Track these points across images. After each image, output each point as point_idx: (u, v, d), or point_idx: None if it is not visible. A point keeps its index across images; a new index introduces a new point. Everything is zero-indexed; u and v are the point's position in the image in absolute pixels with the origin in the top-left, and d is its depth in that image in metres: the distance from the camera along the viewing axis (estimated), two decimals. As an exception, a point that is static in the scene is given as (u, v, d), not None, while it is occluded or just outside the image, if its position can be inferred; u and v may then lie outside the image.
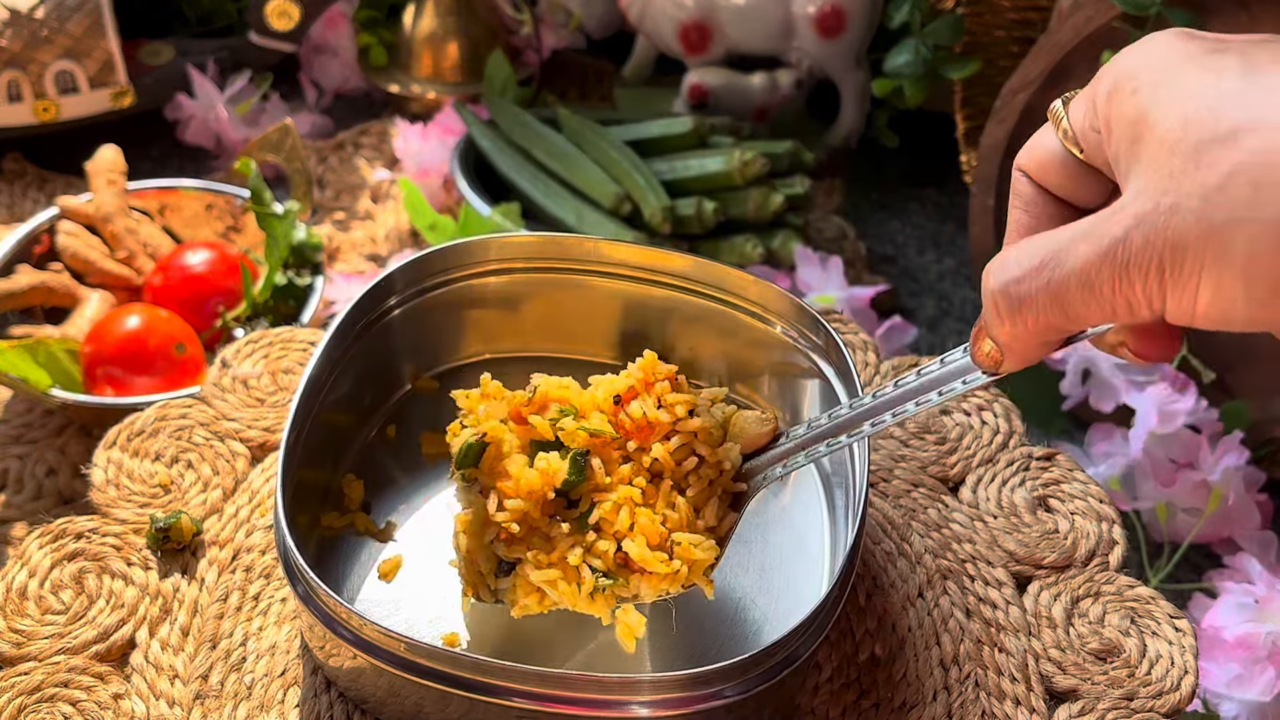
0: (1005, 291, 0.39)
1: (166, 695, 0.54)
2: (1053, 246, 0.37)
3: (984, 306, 0.41)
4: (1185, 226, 0.33)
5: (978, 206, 0.92)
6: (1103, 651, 0.57)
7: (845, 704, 0.56)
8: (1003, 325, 0.40)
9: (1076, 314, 0.37)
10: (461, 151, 1.00)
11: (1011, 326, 0.39)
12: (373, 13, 1.16)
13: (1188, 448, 0.78)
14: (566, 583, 0.52)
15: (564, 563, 0.52)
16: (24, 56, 0.99)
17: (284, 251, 0.86)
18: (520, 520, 0.52)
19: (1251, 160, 0.32)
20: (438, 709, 0.51)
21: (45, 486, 0.81)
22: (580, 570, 0.52)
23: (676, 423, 0.53)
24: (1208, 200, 0.33)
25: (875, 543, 0.61)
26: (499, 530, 0.52)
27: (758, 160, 0.93)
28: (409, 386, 0.67)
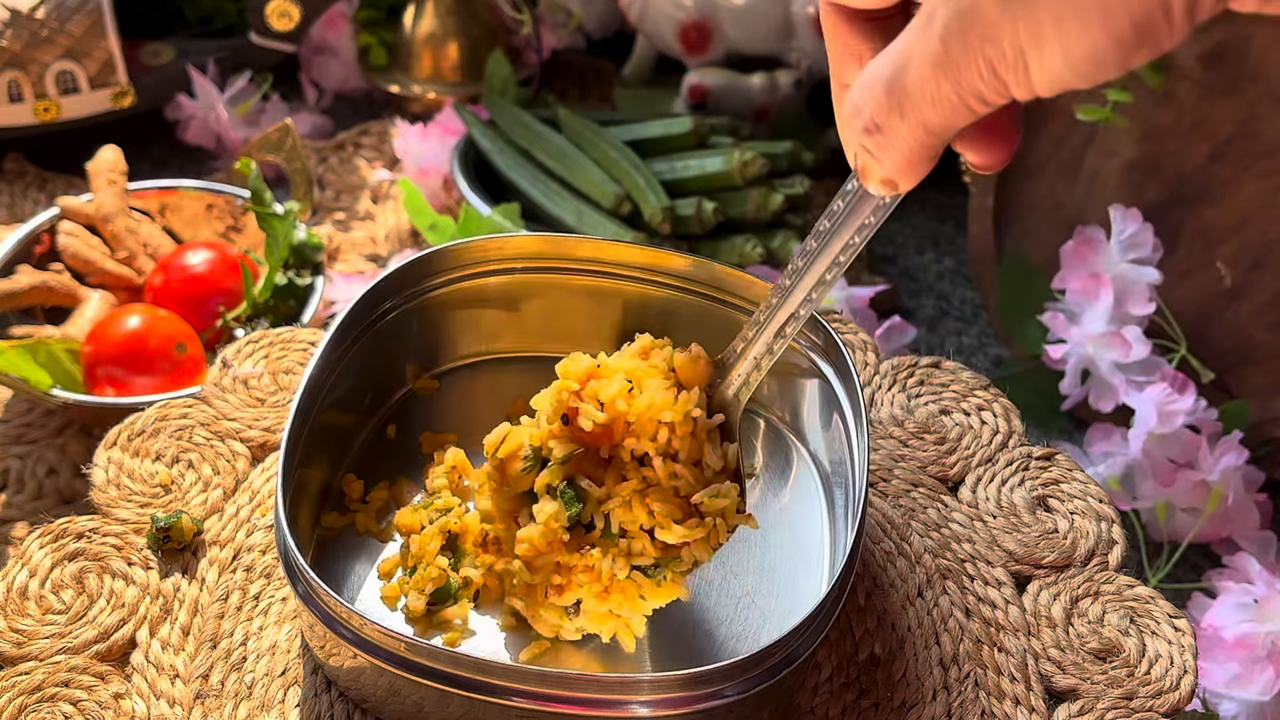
0: (868, 135, 0.39)
1: (167, 695, 0.54)
2: (886, 77, 0.37)
3: (855, 155, 0.40)
4: (991, 18, 0.33)
5: (977, 206, 0.93)
6: (1102, 651, 0.57)
7: (845, 703, 0.56)
8: (882, 162, 0.40)
9: (940, 127, 0.37)
10: (461, 152, 1.00)
11: (891, 159, 0.39)
12: (373, 13, 1.16)
13: (1187, 448, 0.78)
14: (627, 597, 0.53)
15: (615, 581, 0.53)
16: (24, 56, 0.99)
17: (284, 252, 0.86)
18: (557, 570, 0.53)
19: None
20: (438, 708, 0.51)
21: (46, 486, 0.81)
22: (633, 577, 0.52)
23: (629, 410, 0.52)
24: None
25: (875, 542, 0.62)
26: (546, 589, 0.53)
27: (757, 160, 0.93)
28: (409, 386, 0.67)
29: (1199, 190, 0.83)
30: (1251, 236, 0.81)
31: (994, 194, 0.91)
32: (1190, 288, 0.85)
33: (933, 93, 0.36)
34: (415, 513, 0.59)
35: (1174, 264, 0.84)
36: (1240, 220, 0.82)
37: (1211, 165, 0.82)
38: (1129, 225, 0.81)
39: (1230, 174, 0.81)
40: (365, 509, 0.61)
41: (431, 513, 0.59)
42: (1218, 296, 0.84)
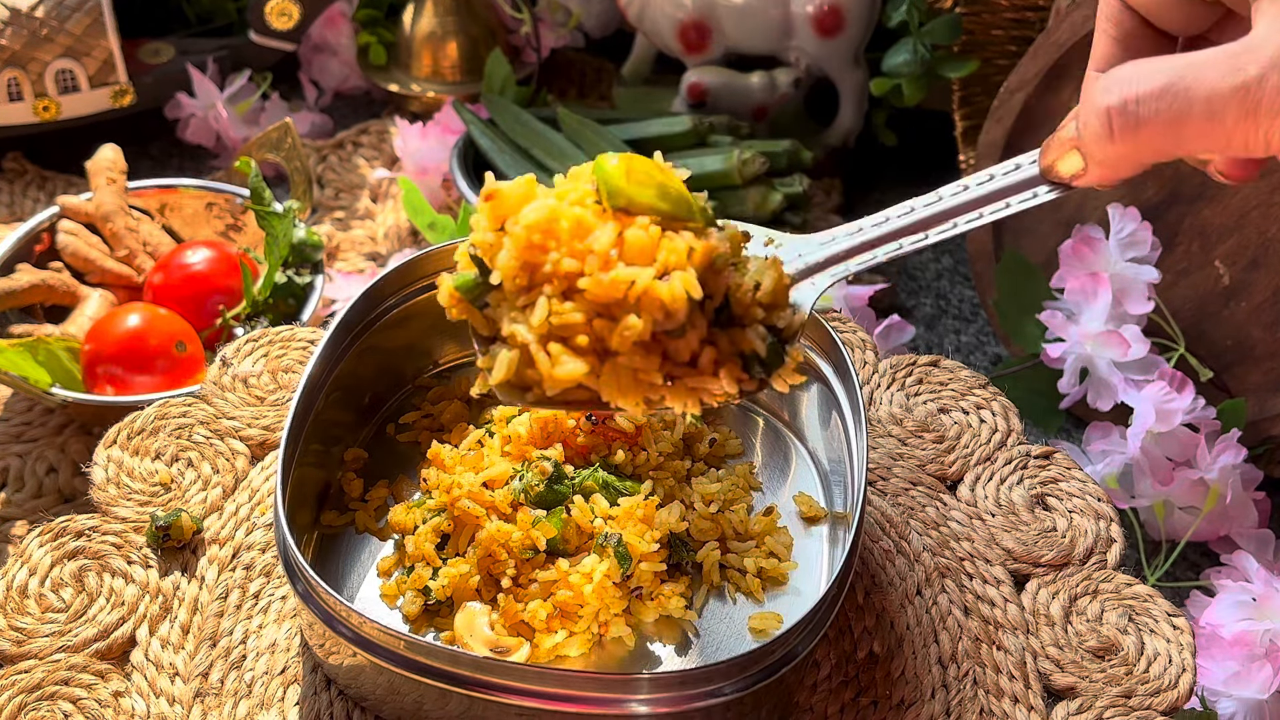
0: (1123, 109, 0.38)
1: (167, 693, 0.54)
2: (1179, 71, 0.37)
3: (1089, 119, 0.40)
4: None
5: (976, 205, 0.92)
6: (1101, 649, 0.57)
7: (843, 701, 0.56)
8: (1110, 142, 0.40)
9: (1190, 141, 0.38)
10: (461, 150, 1.00)
11: (1120, 145, 0.39)
12: (372, 12, 1.16)
13: (1185, 446, 0.78)
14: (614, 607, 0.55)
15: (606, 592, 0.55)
16: (24, 55, 0.99)
17: (284, 250, 0.86)
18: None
19: None
20: (437, 706, 0.51)
21: (46, 485, 0.81)
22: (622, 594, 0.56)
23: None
24: None
25: (874, 540, 0.62)
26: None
27: (756, 159, 0.93)
28: (409, 385, 0.67)
29: (1197, 189, 0.83)
30: (1249, 235, 0.81)
31: (993, 193, 0.91)
32: (1188, 286, 0.85)
33: (1213, 111, 0.36)
34: (409, 511, 0.59)
35: (1172, 263, 0.85)
36: (1238, 219, 0.82)
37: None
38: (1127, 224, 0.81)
39: (1229, 173, 0.81)
40: (364, 507, 0.61)
41: (425, 512, 0.59)
42: (1216, 295, 0.84)
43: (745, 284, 0.47)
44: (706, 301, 0.46)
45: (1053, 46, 0.83)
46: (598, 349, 0.46)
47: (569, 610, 0.55)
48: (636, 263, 0.45)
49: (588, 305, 0.45)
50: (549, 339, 0.46)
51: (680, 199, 0.47)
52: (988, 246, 0.93)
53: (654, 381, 0.46)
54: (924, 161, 1.12)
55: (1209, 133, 0.37)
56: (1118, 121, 0.39)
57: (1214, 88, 0.36)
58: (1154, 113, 0.37)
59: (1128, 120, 0.38)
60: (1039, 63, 0.84)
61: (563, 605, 0.55)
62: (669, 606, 0.56)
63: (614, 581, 0.55)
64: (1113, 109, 0.39)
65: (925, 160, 1.12)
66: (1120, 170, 0.41)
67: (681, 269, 0.45)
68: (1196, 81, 0.36)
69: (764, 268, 0.48)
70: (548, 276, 0.46)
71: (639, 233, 0.45)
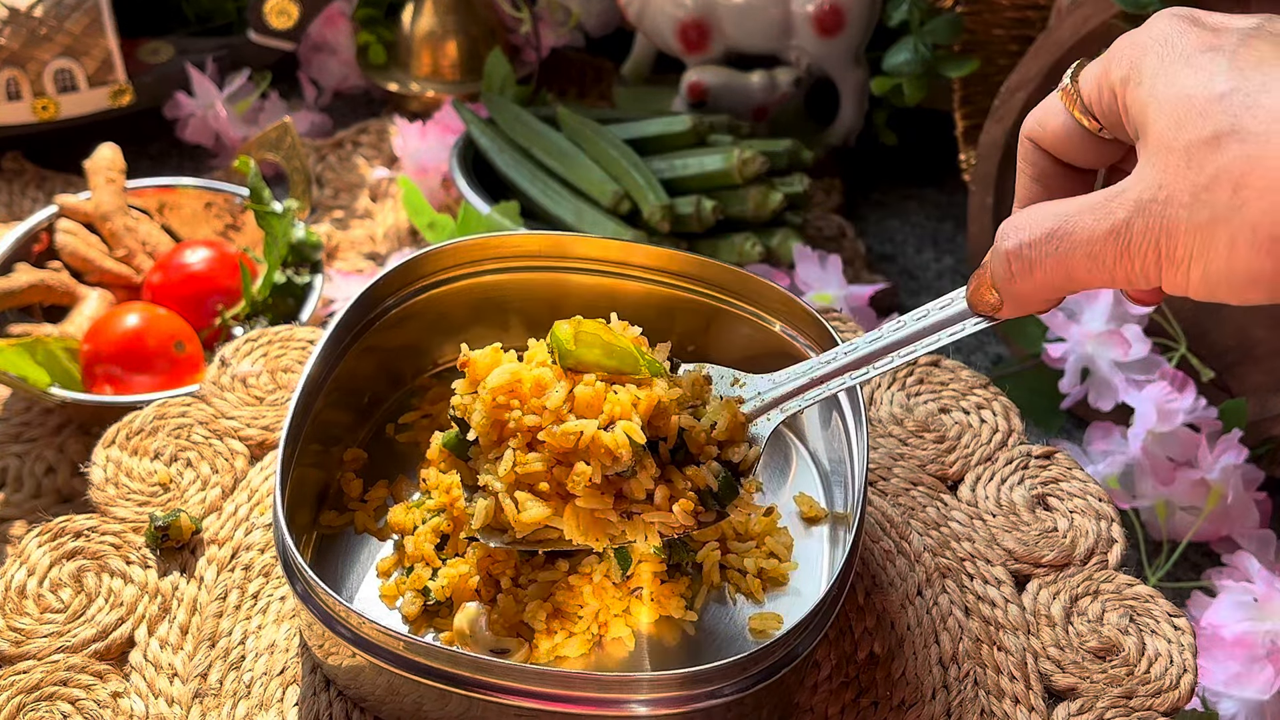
0: (1018, 253, 0.43)
1: (165, 694, 0.54)
2: (1062, 217, 0.41)
3: (994, 262, 0.45)
4: (1177, 220, 0.37)
5: (976, 205, 0.92)
6: (1102, 650, 0.57)
7: (844, 702, 0.56)
8: (1011, 281, 0.44)
9: (1080, 279, 0.41)
10: (460, 150, 1.00)
11: (1020, 284, 0.43)
12: (372, 11, 1.16)
13: (1186, 446, 0.78)
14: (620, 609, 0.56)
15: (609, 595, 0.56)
16: (23, 55, 0.98)
17: (283, 250, 0.86)
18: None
19: (1231, 165, 0.36)
20: (436, 707, 0.51)
21: (44, 485, 0.81)
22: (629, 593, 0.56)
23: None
24: (1196, 199, 0.37)
25: (874, 541, 0.61)
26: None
27: (757, 159, 0.93)
28: (408, 385, 0.67)
29: (1198, 189, 0.83)
30: (1251, 235, 0.81)
31: (994, 192, 0.91)
32: (1190, 286, 0.85)
33: (1092, 253, 0.40)
34: (408, 511, 0.59)
35: (1173, 262, 0.84)
36: (1240, 219, 0.81)
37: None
38: (1128, 224, 0.80)
39: (1230, 172, 0.81)
40: (364, 508, 0.61)
41: (424, 512, 0.59)
42: (1217, 295, 0.83)
43: (701, 425, 0.53)
44: (661, 443, 0.52)
45: (1054, 45, 0.82)
46: (560, 493, 0.52)
47: (568, 611, 0.55)
48: (585, 415, 0.51)
49: (548, 455, 0.51)
50: (516, 487, 0.52)
51: (625, 355, 0.53)
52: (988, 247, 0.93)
53: (611, 520, 0.52)
54: (924, 161, 1.12)
55: (1093, 271, 0.41)
56: (1015, 265, 0.43)
57: (1090, 231, 0.40)
58: (1044, 255, 0.42)
59: (1023, 264, 0.43)
60: (1040, 62, 0.84)
61: (562, 606, 0.55)
62: (669, 607, 0.56)
63: (614, 582, 0.55)
64: (1010, 253, 0.43)
65: (926, 160, 1.12)
66: (1030, 305, 0.45)
67: (626, 418, 0.51)
68: (1077, 227, 0.40)
69: (720, 408, 0.54)
70: (513, 431, 0.52)
71: (586, 389, 0.51)
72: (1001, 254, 0.44)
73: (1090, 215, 0.40)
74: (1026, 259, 0.42)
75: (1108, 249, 0.39)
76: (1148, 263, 0.39)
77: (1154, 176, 0.38)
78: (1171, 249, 0.38)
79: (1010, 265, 0.43)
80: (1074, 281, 0.41)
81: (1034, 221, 0.42)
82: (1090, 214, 0.40)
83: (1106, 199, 0.40)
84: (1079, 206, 0.41)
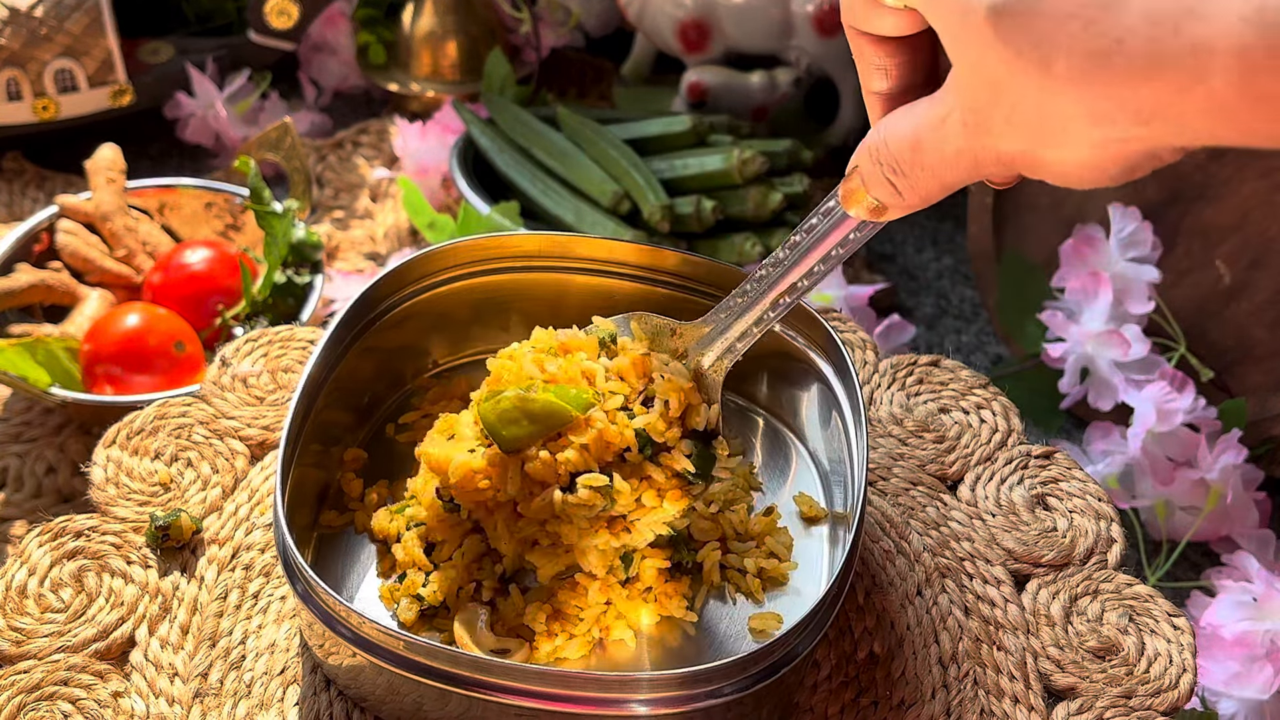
0: (893, 175, 0.43)
1: (166, 693, 0.54)
2: (912, 136, 0.42)
3: (869, 179, 0.45)
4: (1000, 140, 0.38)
5: (976, 205, 0.93)
6: (1101, 649, 0.57)
7: (844, 702, 0.56)
8: (894, 196, 0.44)
9: (957, 183, 0.42)
10: (460, 150, 1.00)
11: (910, 198, 0.44)
12: (372, 11, 1.16)
13: (1186, 446, 0.78)
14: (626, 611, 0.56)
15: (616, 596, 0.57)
16: (23, 55, 0.99)
17: (283, 250, 0.86)
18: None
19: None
20: (437, 707, 0.51)
21: (45, 485, 0.81)
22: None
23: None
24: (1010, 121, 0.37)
25: (874, 541, 0.62)
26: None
27: (756, 159, 0.93)
28: (409, 385, 0.67)
29: (1198, 188, 0.83)
30: (1250, 235, 0.81)
31: (993, 192, 0.91)
32: (1189, 286, 0.85)
33: (953, 162, 0.41)
34: (391, 518, 0.59)
35: (1173, 262, 0.84)
36: (1239, 218, 0.82)
37: (1211, 163, 0.82)
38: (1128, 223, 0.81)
39: (1229, 172, 0.81)
40: (364, 508, 0.61)
41: (405, 519, 0.59)
42: (1217, 295, 0.84)
43: (654, 415, 0.55)
44: (626, 453, 0.54)
45: (1053, 46, 0.82)
46: (560, 545, 0.55)
47: (569, 613, 0.55)
48: (548, 481, 0.53)
49: (535, 521, 0.54)
50: (525, 545, 0.55)
51: (551, 414, 0.54)
52: (988, 246, 0.93)
53: (612, 542, 0.54)
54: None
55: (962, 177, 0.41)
56: (896, 182, 0.44)
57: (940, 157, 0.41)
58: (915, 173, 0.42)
59: (899, 182, 0.43)
60: (1039, 62, 0.83)
61: (562, 607, 0.55)
62: (670, 606, 0.56)
63: (620, 580, 0.55)
64: (883, 174, 0.44)
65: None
66: (913, 208, 0.45)
67: (580, 468, 0.53)
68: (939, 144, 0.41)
69: (667, 389, 0.55)
70: (496, 505, 0.55)
71: (535, 464, 0.53)
72: (877, 177, 0.44)
73: (943, 131, 0.40)
74: (900, 176, 0.43)
75: (963, 159, 0.40)
76: (999, 165, 0.39)
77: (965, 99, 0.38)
78: (1010, 153, 0.38)
79: (890, 185, 0.44)
80: (951, 186, 0.42)
81: (896, 140, 0.42)
82: (944, 129, 0.40)
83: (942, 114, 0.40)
84: (928, 114, 0.41)
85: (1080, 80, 0.34)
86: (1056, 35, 0.34)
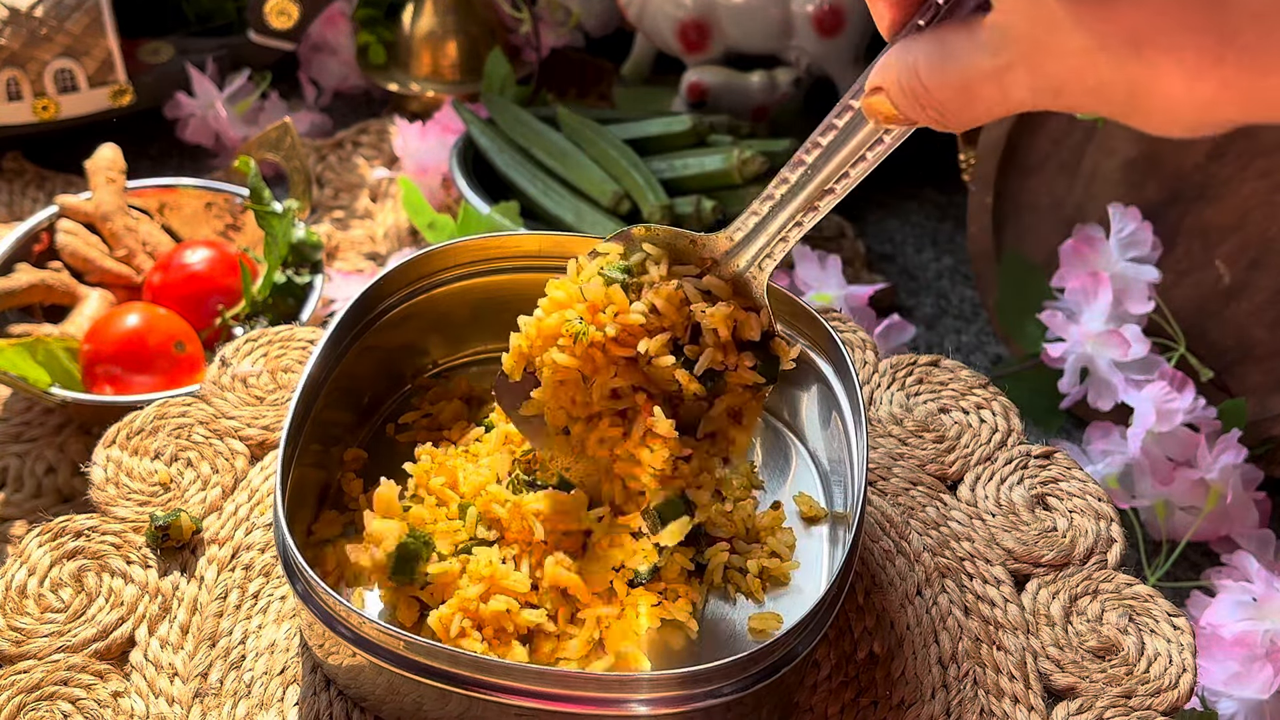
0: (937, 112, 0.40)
1: (166, 693, 0.54)
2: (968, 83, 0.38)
3: (904, 107, 0.41)
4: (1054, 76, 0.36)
5: (976, 205, 0.93)
6: (1101, 649, 0.57)
7: (844, 702, 0.56)
8: (935, 124, 0.41)
9: (998, 116, 0.39)
10: (460, 150, 1.00)
11: (945, 126, 0.41)
12: (371, 11, 1.16)
13: (1186, 446, 0.78)
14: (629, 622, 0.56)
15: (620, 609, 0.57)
16: (23, 55, 0.99)
17: (283, 250, 0.86)
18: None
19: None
20: (437, 706, 0.51)
21: (45, 484, 0.81)
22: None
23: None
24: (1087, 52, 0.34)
25: (874, 540, 0.62)
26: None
27: (756, 159, 0.93)
28: (409, 385, 0.67)
29: (1198, 188, 0.83)
30: (1250, 235, 0.81)
31: (993, 192, 0.91)
32: (1189, 286, 0.85)
33: (1011, 107, 0.38)
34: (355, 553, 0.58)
35: (1173, 262, 0.84)
36: (1239, 219, 0.82)
37: (1210, 164, 0.82)
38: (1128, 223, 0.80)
39: (1229, 172, 0.81)
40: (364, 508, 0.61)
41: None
42: (1216, 295, 0.84)
43: (710, 353, 0.54)
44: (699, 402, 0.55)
45: (1053, 46, 0.82)
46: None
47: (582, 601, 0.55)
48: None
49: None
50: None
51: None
52: (988, 246, 0.93)
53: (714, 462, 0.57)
54: (924, 161, 1.12)
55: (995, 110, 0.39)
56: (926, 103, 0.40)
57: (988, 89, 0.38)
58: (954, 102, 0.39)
59: (932, 104, 0.40)
60: (1039, 62, 0.83)
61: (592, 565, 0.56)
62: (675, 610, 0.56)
63: (642, 578, 0.56)
64: (916, 93, 0.40)
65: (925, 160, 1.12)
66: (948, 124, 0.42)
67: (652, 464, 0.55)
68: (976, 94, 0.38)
69: (715, 318, 0.54)
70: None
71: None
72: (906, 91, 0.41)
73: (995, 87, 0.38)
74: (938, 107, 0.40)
75: (1019, 107, 0.38)
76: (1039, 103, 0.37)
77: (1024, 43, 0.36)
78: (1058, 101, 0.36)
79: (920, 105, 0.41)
80: (981, 115, 0.40)
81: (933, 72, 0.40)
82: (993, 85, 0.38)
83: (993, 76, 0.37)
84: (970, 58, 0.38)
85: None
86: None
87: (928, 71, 0.40)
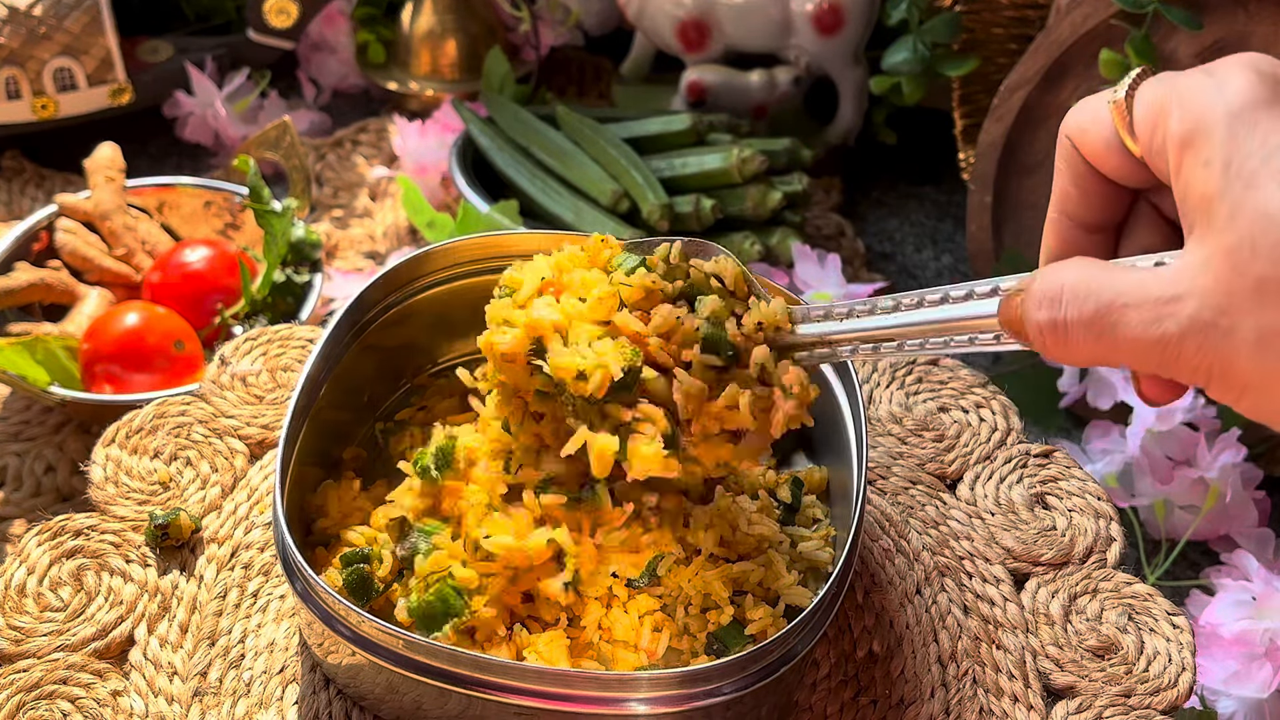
0: (1054, 327, 0.39)
1: (165, 692, 0.54)
2: (1106, 304, 0.37)
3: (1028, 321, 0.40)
4: (1237, 354, 0.34)
5: (975, 204, 0.92)
6: (1100, 648, 0.57)
7: (843, 701, 0.56)
8: (1045, 347, 0.40)
9: (1117, 363, 0.38)
10: (460, 149, 1.00)
11: (1054, 352, 0.40)
12: (371, 10, 1.16)
13: (1185, 445, 0.78)
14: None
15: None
16: (22, 54, 0.98)
17: (282, 249, 0.86)
18: None
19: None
20: (436, 706, 0.51)
21: (44, 484, 0.81)
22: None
23: None
24: (1264, 342, 0.34)
25: (873, 539, 0.62)
26: None
27: (756, 158, 0.93)
28: (408, 384, 0.67)
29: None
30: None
31: (992, 191, 0.91)
32: (1188, 285, 0.85)
33: (1135, 353, 0.37)
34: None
35: (1172, 261, 0.84)
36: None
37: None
38: (1127, 223, 0.80)
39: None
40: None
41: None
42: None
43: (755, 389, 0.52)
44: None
45: (1053, 45, 0.82)
46: None
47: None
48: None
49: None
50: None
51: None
52: (987, 245, 0.93)
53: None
54: (924, 160, 1.12)
55: (1133, 362, 0.37)
56: (1050, 338, 0.39)
57: (1137, 336, 0.36)
58: (1083, 338, 0.38)
59: (1058, 338, 0.39)
60: (1039, 61, 0.84)
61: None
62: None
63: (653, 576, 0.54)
64: (1044, 325, 0.39)
65: (925, 159, 1.12)
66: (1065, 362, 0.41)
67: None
68: (1122, 322, 0.37)
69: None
70: None
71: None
72: (1036, 323, 0.40)
73: (1138, 314, 0.36)
74: (1062, 333, 0.39)
75: (1152, 355, 0.36)
76: (1195, 377, 0.36)
77: (1215, 298, 0.34)
78: (1225, 376, 0.35)
79: (1044, 335, 0.39)
80: (1111, 363, 0.39)
81: (1077, 297, 0.38)
82: (1138, 312, 0.36)
83: (1158, 301, 0.36)
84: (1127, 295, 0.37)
85: None
86: None
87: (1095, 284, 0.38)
